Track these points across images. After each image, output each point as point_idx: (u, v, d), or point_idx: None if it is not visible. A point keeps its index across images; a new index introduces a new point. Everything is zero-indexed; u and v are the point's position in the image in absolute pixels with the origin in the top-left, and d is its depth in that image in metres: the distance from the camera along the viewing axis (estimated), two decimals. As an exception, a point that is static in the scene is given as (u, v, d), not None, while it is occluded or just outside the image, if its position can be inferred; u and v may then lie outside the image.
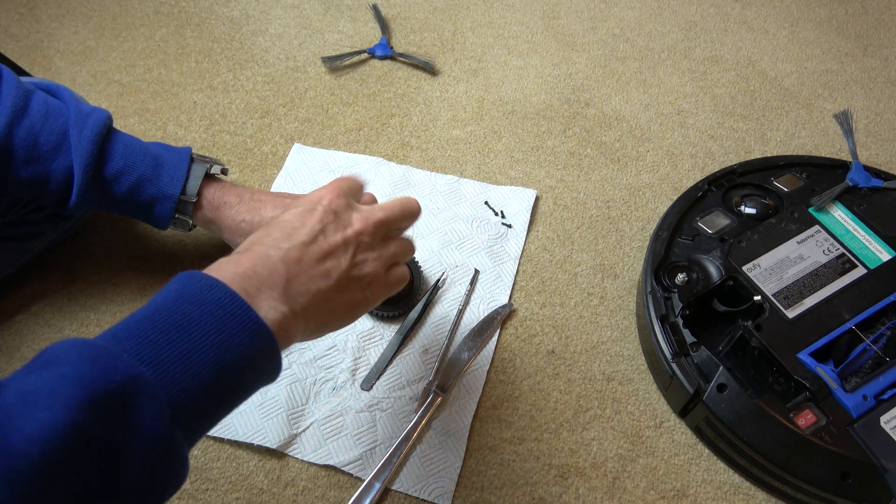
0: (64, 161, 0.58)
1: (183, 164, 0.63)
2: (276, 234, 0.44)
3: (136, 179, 0.61)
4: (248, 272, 0.41)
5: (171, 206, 0.62)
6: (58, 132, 0.58)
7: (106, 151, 0.60)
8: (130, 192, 0.61)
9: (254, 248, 0.43)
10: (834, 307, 0.64)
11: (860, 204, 0.71)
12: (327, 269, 0.44)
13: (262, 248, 0.43)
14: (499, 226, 0.77)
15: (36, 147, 0.58)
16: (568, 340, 0.70)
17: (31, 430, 0.30)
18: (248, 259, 0.42)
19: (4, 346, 0.69)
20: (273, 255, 0.42)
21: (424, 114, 0.89)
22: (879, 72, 0.96)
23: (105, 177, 0.60)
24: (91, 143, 0.58)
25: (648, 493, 0.61)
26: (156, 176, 0.61)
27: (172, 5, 1.03)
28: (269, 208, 0.63)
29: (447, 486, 0.60)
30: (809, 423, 0.57)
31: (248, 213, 0.63)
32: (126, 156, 0.61)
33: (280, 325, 0.40)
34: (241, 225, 0.63)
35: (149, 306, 0.38)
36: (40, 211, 0.70)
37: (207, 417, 0.38)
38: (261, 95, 0.91)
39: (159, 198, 0.62)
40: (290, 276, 0.42)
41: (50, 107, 0.59)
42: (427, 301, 0.71)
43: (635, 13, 1.03)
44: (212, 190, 0.64)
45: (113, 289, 0.73)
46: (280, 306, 0.41)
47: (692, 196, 0.73)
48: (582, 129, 0.88)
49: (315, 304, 0.43)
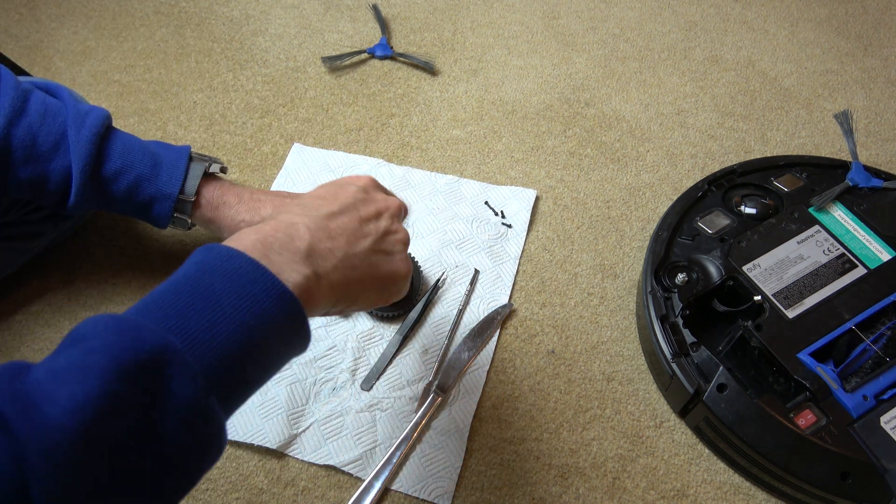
0: (62, 161, 0.58)
1: (181, 162, 0.62)
2: (306, 202, 0.45)
3: (135, 179, 0.61)
4: (268, 237, 0.40)
5: (170, 205, 0.62)
6: (56, 132, 0.58)
7: (104, 151, 0.60)
8: (129, 191, 0.61)
9: (279, 216, 0.43)
10: (834, 307, 0.64)
11: (860, 204, 0.71)
12: (357, 237, 0.45)
13: (288, 215, 0.43)
14: (499, 226, 0.77)
15: (34, 147, 0.58)
16: (568, 340, 0.70)
17: (66, 402, 0.30)
18: (271, 226, 0.41)
19: (4, 346, 0.69)
20: (297, 221, 0.42)
21: (424, 114, 0.89)
22: (879, 72, 0.96)
23: (103, 176, 0.60)
24: (89, 142, 0.58)
25: (648, 493, 0.61)
26: (154, 175, 0.61)
27: (172, 5, 1.03)
28: (269, 207, 0.63)
29: (447, 486, 0.60)
30: (809, 423, 0.57)
31: (247, 212, 0.63)
32: (124, 155, 0.61)
33: (303, 287, 0.39)
34: (241, 225, 0.63)
35: (172, 279, 0.37)
36: (40, 211, 0.70)
37: (241, 385, 0.37)
38: (261, 95, 0.91)
39: (158, 197, 0.62)
40: (315, 241, 0.42)
41: (48, 106, 0.59)
42: (427, 301, 0.71)
43: (635, 13, 1.03)
44: (211, 189, 0.64)
45: (113, 289, 0.73)
46: (303, 269, 0.40)
47: (692, 196, 0.73)
48: (582, 129, 0.88)
49: (341, 269, 0.43)
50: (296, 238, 0.41)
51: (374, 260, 0.46)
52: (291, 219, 0.42)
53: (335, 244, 0.43)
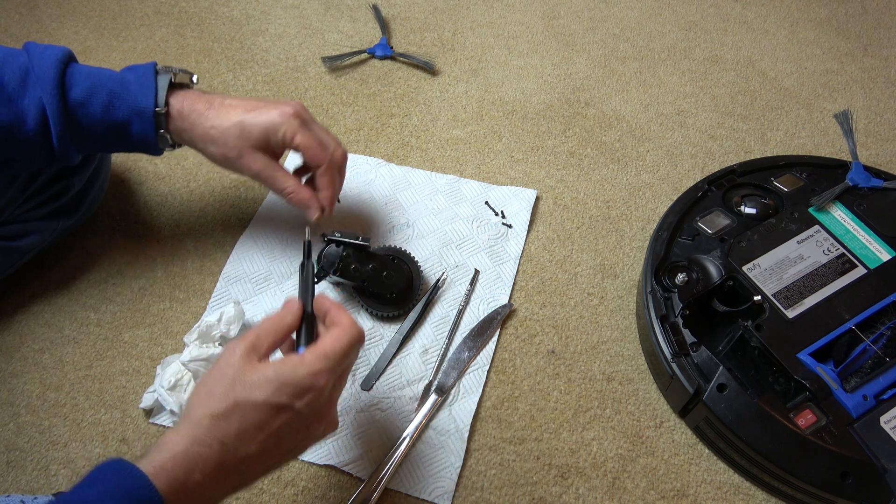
0: (33, 95, 0.58)
1: (149, 75, 0.62)
2: (231, 426, 0.45)
3: (107, 96, 0.60)
4: (179, 455, 0.43)
5: (149, 120, 0.61)
6: (20, 68, 0.58)
7: (69, 76, 0.59)
8: (104, 113, 0.60)
9: (203, 436, 0.44)
10: (834, 307, 0.64)
11: (860, 204, 0.71)
12: (260, 442, 0.46)
13: (205, 432, 0.45)
14: (499, 226, 0.77)
15: (2, 87, 0.57)
16: (568, 340, 0.70)
17: None
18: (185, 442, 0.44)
19: (4, 346, 0.69)
20: (213, 446, 0.44)
21: (424, 114, 0.89)
22: (879, 72, 0.96)
23: (75, 100, 0.59)
24: (52, 67, 0.58)
25: (648, 493, 0.61)
26: (125, 90, 0.61)
27: (172, 5, 1.03)
28: (239, 112, 0.62)
29: (447, 486, 0.60)
30: (809, 423, 0.57)
31: (216, 118, 0.62)
32: (90, 77, 0.60)
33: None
34: (210, 131, 0.62)
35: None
36: (40, 209, 0.70)
37: None
38: (261, 95, 0.91)
39: (133, 116, 0.61)
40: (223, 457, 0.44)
41: (7, 51, 0.59)
42: (427, 301, 0.71)
43: (635, 13, 1.03)
44: (179, 99, 0.63)
45: (113, 289, 0.73)
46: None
47: (692, 196, 0.73)
48: (582, 129, 0.88)
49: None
50: (208, 458, 0.44)
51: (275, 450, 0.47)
52: (208, 440, 0.45)
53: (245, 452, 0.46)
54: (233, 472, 0.45)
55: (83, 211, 0.74)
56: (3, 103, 0.58)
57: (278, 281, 0.73)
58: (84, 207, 0.74)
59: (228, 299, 0.71)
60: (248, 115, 0.62)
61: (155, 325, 0.70)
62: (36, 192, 0.69)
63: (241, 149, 0.62)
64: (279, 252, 0.75)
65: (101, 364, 0.68)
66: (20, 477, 0.61)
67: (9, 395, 0.66)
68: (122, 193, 0.80)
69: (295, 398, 0.46)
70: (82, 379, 0.67)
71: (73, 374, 0.67)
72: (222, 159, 0.64)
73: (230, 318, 0.66)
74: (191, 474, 0.43)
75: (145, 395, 0.63)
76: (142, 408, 0.63)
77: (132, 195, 0.80)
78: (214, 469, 0.44)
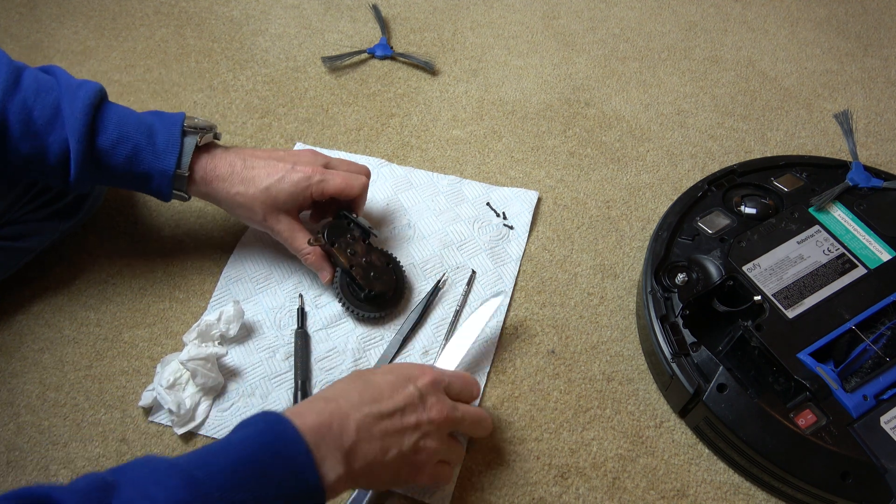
0: (60, 134, 0.58)
1: (176, 134, 0.62)
2: (363, 395, 0.50)
3: (132, 149, 0.61)
4: (323, 426, 0.47)
5: (168, 181, 0.62)
6: (51, 105, 0.59)
7: (99, 121, 0.60)
8: (127, 163, 0.61)
9: (339, 400, 0.49)
10: (834, 307, 0.64)
11: (860, 204, 0.71)
12: (389, 444, 0.49)
13: (345, 403, 0.49)
14: (500, 227, 0.77)
15: (31, 122, 0.58)
16: (568, 340, 0.70)
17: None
18: (329, 412, 0.48)
19: (4, 346, 0.69)
20: (351, 415, 0.48)
21: (424, 114, 0.89)
22: (879, 72, 0.96)
23: (101, 147, 0.60)
24: (83, 113, 0.59)
25: (648, 493, 0.61)
26: (150, 146, 0.61)
27: (172, 5, 1.03)
28: (263, 177, 0.64)
29: (446, 486, 0.60)
30: (809, 423, 0.57)
31: (241, 184, 0.64)
32: (120, 126, 0.61)
33: (334, 484, 0.46)
34: (237, 197, 0.64)
35: (232, 454, 0.44)
36: (41, 210, 0.70)
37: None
38: (261, 95, 0.91)
39: (154, 173, 0.62)
40: (358, 440, 0.48)
41: (41, 82, 0.59)
42: (427, 302, 0.71)
43: (635, 13, 1.03)
44: (203, 163, 0.64)
45: (113, 289, 0.73)
46: (339, 467, 0.46)
47: (692, 196, 0.73)
48: (582, 129, 0.88)
49: (368, 469, 0.48)
50: (344, 434, 0.47)
51: (397, 466, 0.50)
52: (347, 411, 0.48)
53: (371, 448, 0.48)
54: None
55: (84, 212, 0.74)
56: (29, 138, 0.58)
57: (279, 280, 0.73)
58: (85, 208, 0.74)
59: (229, 299, 0.71)
60: (273, 180, 0.64)
61: (155, 325, 0.70)
62: (38, 194, 0.69)
63: (267, 213, 0.65)
64: (280, 252, 0.75)
65: (101, 364, 0.68)
66: (20, 477, 0.61)
67: (9, 395, 0.66)
68: (123, 193, 0.80)
69: (410, 381, 0.53)
70: (82, 379, 0.67)
71: (73, 374, 0.67)
72: (248, 220, 0.67)
73: (229, 317, 0.66)
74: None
75: (144, 393, 0.64)
76: (140, 406, 0.63)
77: (132, 195, 0.80)
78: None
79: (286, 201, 0.65)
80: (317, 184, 0.65)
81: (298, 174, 0.65)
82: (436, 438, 0.53)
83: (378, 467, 0.49)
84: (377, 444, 0.49)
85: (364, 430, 0.48)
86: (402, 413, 0.51)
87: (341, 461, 0.46)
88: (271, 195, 0.64)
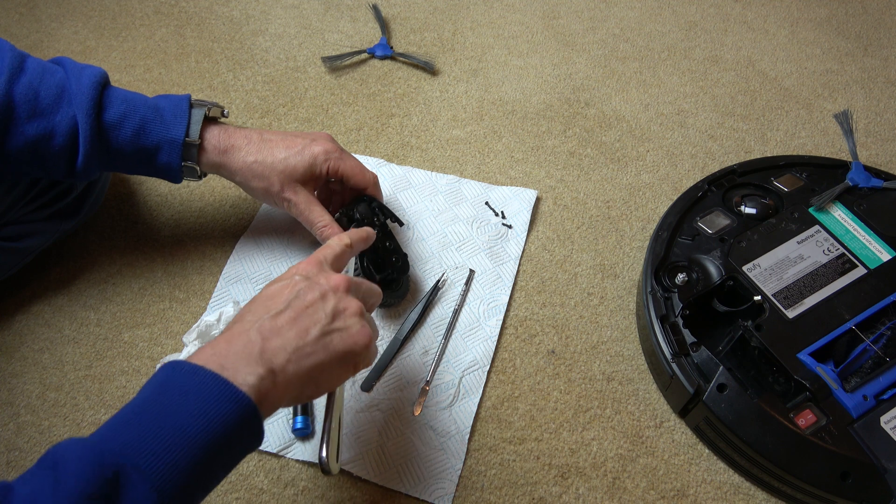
0: (67, 112, 0.59)
1: (183, 107, 0.63)
2: (256, 310, 0.48)
3: (139, 122, 0.61)
4: (223, 350, 0.45)
5: (178, 150, 0.62)
6: (57, 85, 0.59)
7: (105, 98, 0.60)
8: (134, 137, 0.61)
9: (233, 327, 0.47)
10: (834, 307, 0.64)
11: (860, 204, 0.71)
12: (306, 326, 0.47)
13: (241, 325, 0.47)
14: (499, 226, 0.77)
15: (37, 101, 0.58)
16: (568, 340, 0.70)
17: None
18: (225, 338, 0.46)
19: (4, 346, 0.69)
20: (248, 328, 0.46)
21: (424, 114, 0.89)
22: (879, 72, 0.96)
23: (108, 122, 0.60)
24: (91, 88, 0.59)
25: (648, 493, 0.61)
26: (157, 118, 0.62)
27: (172, 5, 1.03)
28: (281, 148, 0.65)
29: (447, 486, 0.60)
30: (809, 423, 0.57)
31: (258, 153, 0.64)
32: (126, 102, 0.61)
33: (259, 388, 0.43)
34: (254, 166, 0.64)
35: (140, 398, 0.43)
36: (41, 211, 0.70)
37: (197, 491, 0.42)
38: (261, 95, 0.91)
39: (163, 143, 0.62)
40: (265, 341, 0.46)
41: (45, 66, 0.60)
42: (427, 302, 0.71)
43: (635, 13, 1.03)
44: (215, 133, 0.64)
45: (113, 289, 0.73)
46: (257, 369, 0.44)
47: (692, 196, 0.73)
48: (582, 129, 0.88)
49: (295, 361, 0.46)
50: (248, 344, 0.45)
51: (327, 341, 0.48)
52: (242, 327, 0.47)
53: (285, 339, 0.46)
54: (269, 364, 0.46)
55: (84, 212, 0.74)
56: (36, 118, 0.58)
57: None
58: (85, 209, 0.74)
59: (229, 299, 0.71)
60: (292, 152, 0.65)
61: (155, 325, 0.70)
62: (38, 195, 0.69)
63: (285, 184, 0.65)
64: (280, 252, 0.75)
65: (101, 364, 0.68)
66: (20, 477, 0.61)
67: (9, 395, 0.66)
68: (122, 193, 0.80)
69: (293, 273, 0.51)
70: (82, 379, 0.67)
71: (73, 374, 0.67)
72: (263, 192, 0.66)
73: (229, 317, 0.66)
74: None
75: (145, 395, 0.63)
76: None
77: (132, 195, 0.80)
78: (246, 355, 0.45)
79: (304, 174, 0.65)
80: (334, 160, 0.66)
81: (318, 147, 0.65)
82: (347, 299, 0.50)
83: (308, 350, 0.47)
84: (291, 333, 0.46)
85: (268, 331, 0.46)
86: (299, 297, 0.48)
87: (256, 364, 0.44)
88: (290, 165, 0.64)
